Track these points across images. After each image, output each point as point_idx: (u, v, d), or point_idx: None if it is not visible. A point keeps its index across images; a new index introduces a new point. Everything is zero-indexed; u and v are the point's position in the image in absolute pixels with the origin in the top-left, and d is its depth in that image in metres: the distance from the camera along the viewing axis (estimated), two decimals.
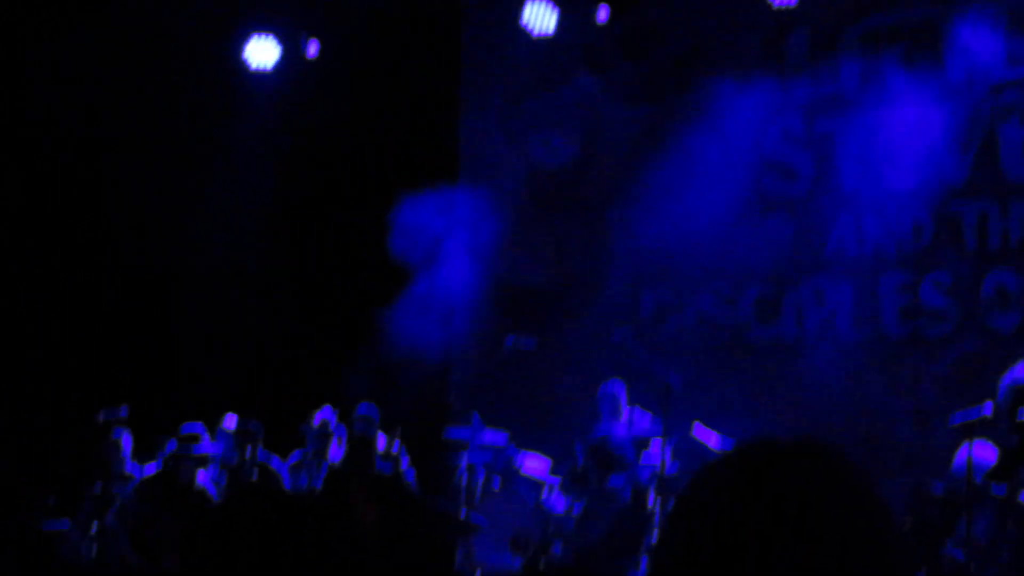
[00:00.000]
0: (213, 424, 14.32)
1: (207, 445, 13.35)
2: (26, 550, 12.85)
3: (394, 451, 14.11)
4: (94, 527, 13.31)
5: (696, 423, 13.48)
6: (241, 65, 17.12)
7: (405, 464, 14.36)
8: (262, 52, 17.07)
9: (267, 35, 17.02)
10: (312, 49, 17.15)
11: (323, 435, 14.33)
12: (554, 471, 14.13)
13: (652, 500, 13.27)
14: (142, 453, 13.63)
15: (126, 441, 13.66)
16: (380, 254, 16.55)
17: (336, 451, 14.11)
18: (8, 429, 15.67)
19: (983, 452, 10.32)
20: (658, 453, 13.19)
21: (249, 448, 13.88)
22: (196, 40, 16.82)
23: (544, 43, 16.63)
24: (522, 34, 16.54)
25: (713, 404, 15.09)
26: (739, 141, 16.13)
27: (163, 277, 17.14)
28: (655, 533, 12.99)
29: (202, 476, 13.36)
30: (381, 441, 14.02)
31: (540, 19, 16.27)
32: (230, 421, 14.45)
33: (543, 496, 13.91)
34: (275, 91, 17.29)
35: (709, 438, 13.30)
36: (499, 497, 13.94)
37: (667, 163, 16.26)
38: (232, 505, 2.05)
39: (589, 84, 17.05)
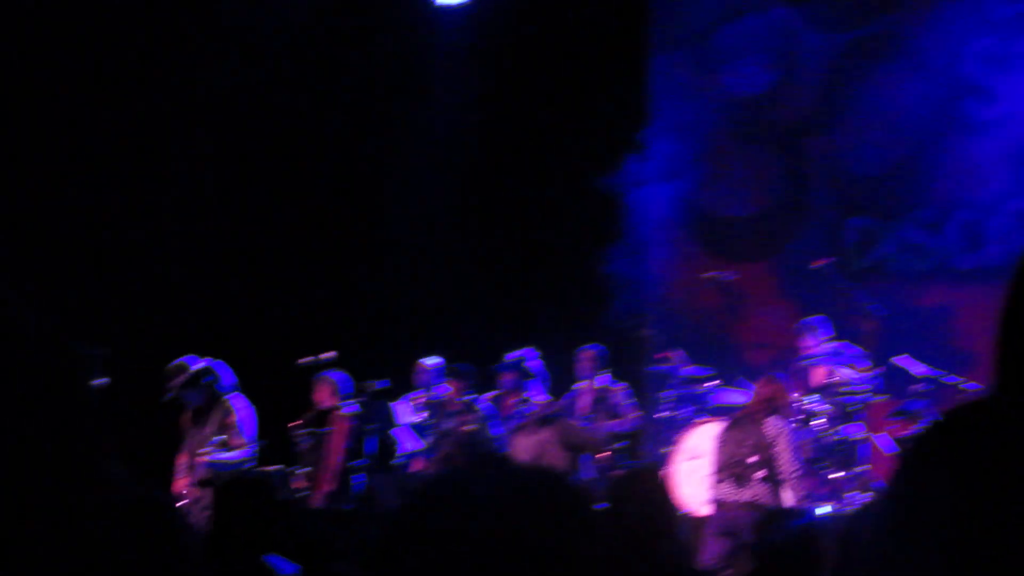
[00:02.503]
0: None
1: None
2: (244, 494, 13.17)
3: (602, 384, 14.28)
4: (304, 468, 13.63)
5: (899, 355, 13.38)
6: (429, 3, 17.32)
7: (621, 399, 14.46)
8: None
9: None
10: None
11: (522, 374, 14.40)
12: None
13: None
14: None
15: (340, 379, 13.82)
16: (574, 191, 16.66)
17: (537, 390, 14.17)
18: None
19: None
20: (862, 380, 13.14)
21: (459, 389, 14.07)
22: None
23: None
24: None
25: (916, 332, 14.95)
26: (937, 64, 15.88)
27: (365, 219, 17.40)
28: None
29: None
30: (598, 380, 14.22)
31: None
32: (434, 362, 14.70)
33: None
34: (463, 29, 17.42)
35: (912, 367, 13.20)
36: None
37: (866, 89, 16.08)
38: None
39: (783, 13, 16.89)
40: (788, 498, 11.90)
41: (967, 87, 15.83)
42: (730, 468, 11.95)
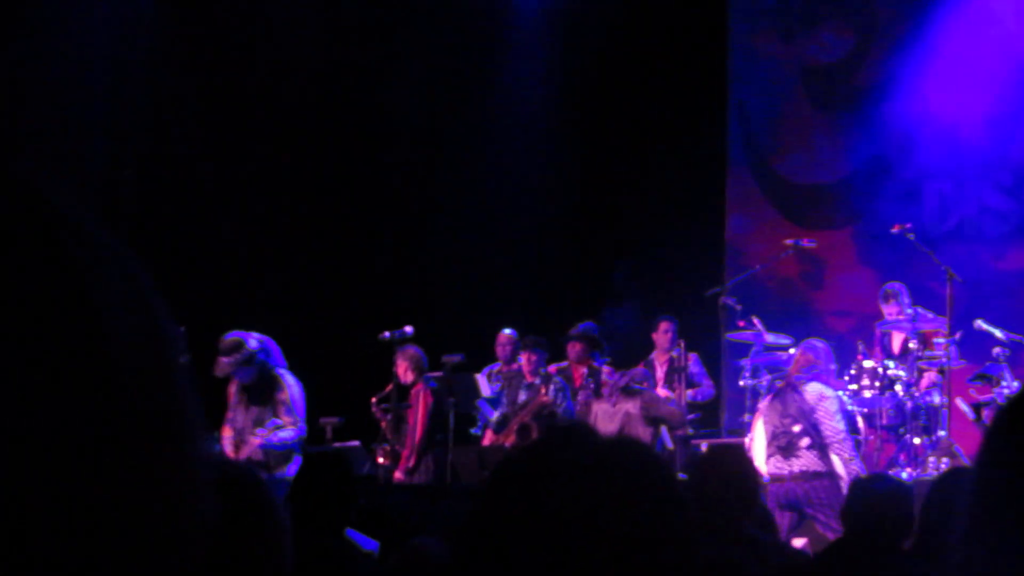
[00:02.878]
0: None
1: None
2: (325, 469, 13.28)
3: (679, 355, 14.29)
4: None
5: (979, 319, 13.32)
6: None
7: (695, 365, 14.50)
8: None
9: None
10: None
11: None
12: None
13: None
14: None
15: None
16: (651, 159, 16.68)
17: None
18: (297, 350, 16.24)
19: None
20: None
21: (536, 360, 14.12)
22: None
23: None
24: None
25: (997, 296, 14.85)
26: (1017, 29, 15.74)
27: (437, 191, 17.45)
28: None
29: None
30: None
31: None
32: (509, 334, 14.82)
33: None
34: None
35: (993, 330, 13.12)
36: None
37: (941, 56, 15.96)
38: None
39: None
40: (838, 463, 11.90)
41: None
42: (776, 440, 11.97)
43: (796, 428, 11.90)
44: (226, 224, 16.69)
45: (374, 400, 13.87)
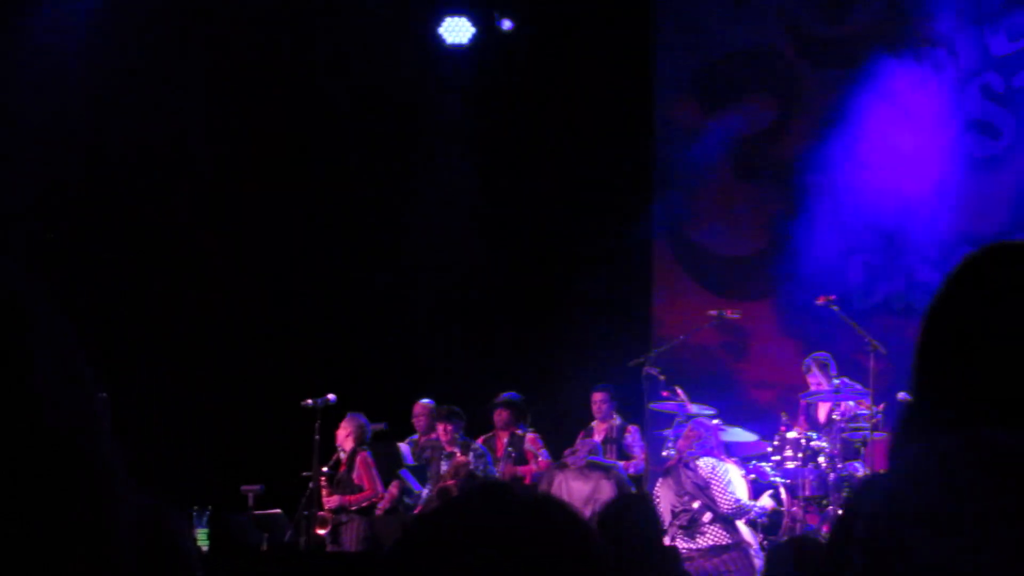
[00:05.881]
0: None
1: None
2: (239, 536, 13.20)
3: (618, 425, 14.33)
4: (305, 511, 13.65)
5: (903, 392, 13.32)
6: (438, 41, 17.28)
7: (632, 436, 14.51)
8: (457, 30, 17.23)
9: (461, 15, 17.15)
10: (506, 25, 17.22)
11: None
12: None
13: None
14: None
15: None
16: (578, 227, 16.66)
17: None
18: (219, 417, 16.06)
19: None
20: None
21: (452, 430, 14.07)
22: (395, 20, 17.08)
23: (737, 8, 16.50)
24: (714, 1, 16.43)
25: None
26: (940, 100, 15.86)
27: (360, 277, 17.33)
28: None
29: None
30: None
31: None
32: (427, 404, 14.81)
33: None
34: (470, 67, 17.43)
35: None
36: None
37: (866, 130, 16.05)
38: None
39: (784, 47, 16.88)
40: (745, 531, 11.94)
41: (971, 123, 15.81)
42: (677, 520, 11.99)
43: (695, 504, 11.93)
44: (153, 287, 16.53)
45: (325, 469, 13.86)
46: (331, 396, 14.04)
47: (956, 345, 2.16)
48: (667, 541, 11.82)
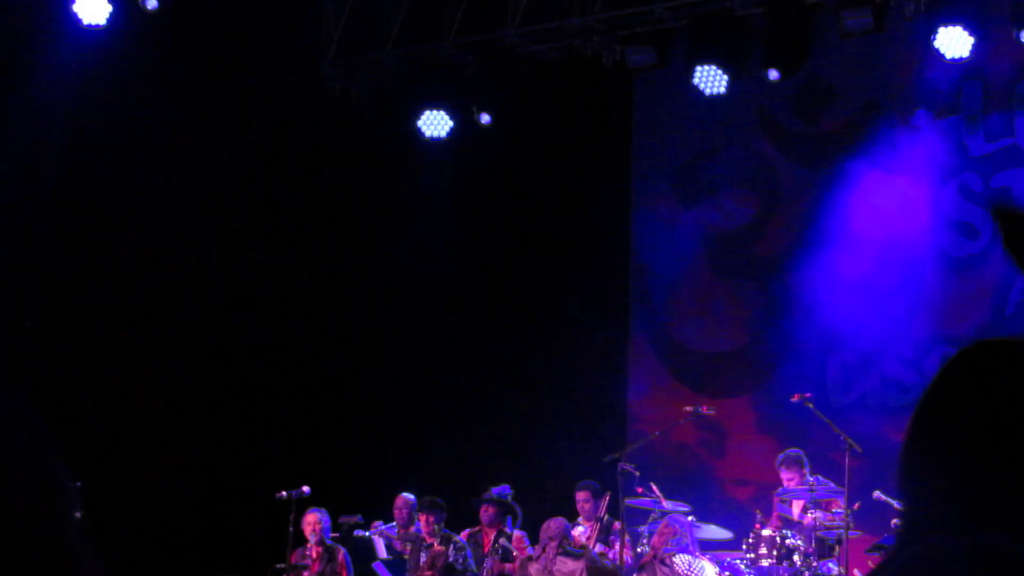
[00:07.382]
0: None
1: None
2: None
3: (608, 519, 14.29)
4: None
5: (877, 490, 13.28)
6: (416, 134, 17.32)
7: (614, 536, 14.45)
8: (435, 123, 17.27)
9: (439, 108, 17.19)
10: (484, 119, 17.27)
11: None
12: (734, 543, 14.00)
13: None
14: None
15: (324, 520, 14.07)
16: (556, 320, 16.66)
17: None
18: (195, 506, 15.98)
19: None
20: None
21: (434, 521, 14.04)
22: (376, 112, 17.17)
23: (715, 106, 16.57)
24: (692, 98, 16.48)
25: (896, 467, 14.80)
26: (917, 200, 15.92)
27: (334, 367, 17.32)
28: None
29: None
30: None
31: (710, 82, 16.19)
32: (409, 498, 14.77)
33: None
34: (449, 159, 17.49)
35: (892, 501, 13.08)
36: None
37: (843, 228, 16.10)
38: None
39: (762, 145, 16.96)
40: None
41: (948, 222, 15.86)
42: None
43: None
44: (124, 378, 16.45)
45: (292, 560, 13.84)
46: (305, 488, 14.04)
47: (951, 446, 2.09)
48: None
